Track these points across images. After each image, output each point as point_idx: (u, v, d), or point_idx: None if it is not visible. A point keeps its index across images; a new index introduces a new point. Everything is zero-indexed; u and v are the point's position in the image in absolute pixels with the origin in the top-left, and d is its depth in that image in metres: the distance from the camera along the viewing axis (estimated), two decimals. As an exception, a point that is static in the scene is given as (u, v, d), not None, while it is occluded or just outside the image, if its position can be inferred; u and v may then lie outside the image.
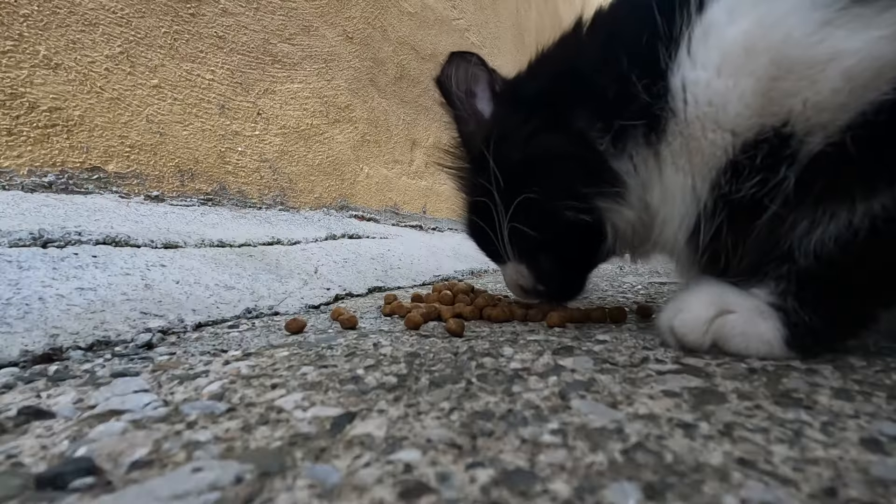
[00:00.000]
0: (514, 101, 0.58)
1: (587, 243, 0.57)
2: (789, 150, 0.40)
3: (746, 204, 0.43)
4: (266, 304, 0.74)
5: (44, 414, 0.32)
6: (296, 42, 1.47)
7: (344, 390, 0.35)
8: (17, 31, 0.86)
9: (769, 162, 0.41)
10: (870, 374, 0.37)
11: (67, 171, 0.92)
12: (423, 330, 0.59)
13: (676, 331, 0.44)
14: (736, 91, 0.41)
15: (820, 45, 0.37)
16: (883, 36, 0.35)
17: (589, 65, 0.50)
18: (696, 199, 0.46)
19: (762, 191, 0.42)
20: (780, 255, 0.41)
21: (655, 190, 0.49)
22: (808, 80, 0.38)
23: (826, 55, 0.37)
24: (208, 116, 1.21)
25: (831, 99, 0.38)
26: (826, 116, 0.38)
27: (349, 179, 1.69)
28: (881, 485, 0.22)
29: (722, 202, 0.44)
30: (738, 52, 0.41)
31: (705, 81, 0.42)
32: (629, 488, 0.22)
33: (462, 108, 0.62)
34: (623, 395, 0.33)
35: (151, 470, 0.24)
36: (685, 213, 0.47)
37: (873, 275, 0.39)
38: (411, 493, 0.22)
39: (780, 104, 0.40)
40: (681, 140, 0.45)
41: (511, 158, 0.55)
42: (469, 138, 0.63)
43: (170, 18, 1.11)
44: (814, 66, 0.38)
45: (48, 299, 0.54)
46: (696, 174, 0.45)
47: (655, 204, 0.50)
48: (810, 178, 0.40)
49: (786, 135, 0.40)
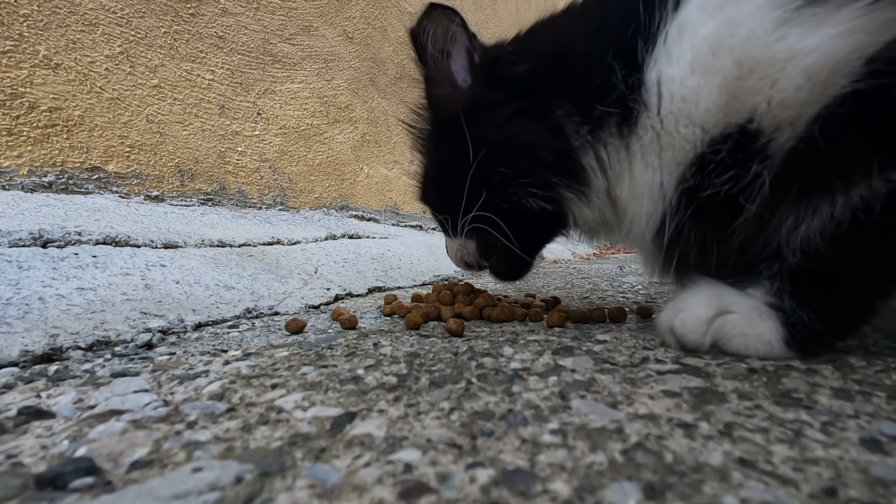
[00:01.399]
0: (495, 79, 0.55)
1: (544, 228, 0.59)
2: (757, 145, 0.41)
3: (720, 202, 0.43)
4: (266, 304, 0.74)
5: (44, 414, 0.32)
6: (296, 42, 1.47)
7: (344, 390, 0.35)
8: (17, 31, 0.86)
9: (738, 157, 0.42)
10: (870, 374, 0.37)
11: (67, 171, 0.92)
12: (423, 330, 0.59)
13: (676, 331, 0.44)
14: (706, 89, 0.42)
15: (778, 44, 0.38)
16: (837, 33, 0.36)
17: (578, 55, 0.50)
18: (663, 195, 0.47)
19: (735, 188, 0.42)
20: (770, 253, 0.42)
21: (625, 186, 0.50)
22: (769, 78, 0.39)
23: (785, 54, 0.38)
24: (208, 116, 1.21)
25: (794, 96, 0.39)
26: (791, 113, 0.39)
27: (349, 179, 1.69)
28: (881, 485, 0.22)
29: (687, 197, 0.45)
30: (707, 51, 0.42)
31: (679, 78, 0.43)
32: (629, 488, 0.22)
33: (435, 69, 0.58)
34: (623, 395, 0.33)
35: (151, 470, 0.24)
36: (652, 210, 0.48)
37: (863, 266, 0.39)
38: (411, 493, 0.22)
39: (743, 102, 0.41)
40: (651, 134, 0.46)
41: (484, 136, 0.54)
42: (438, 101, 0.60)
43: (170, 18, 1.11)
44: (774, 65, 0.39)
45: (48, 299, 0.54)
46: (665, 170, 0.46)
47: (624, 200, 0.51)
48: (788, 174, 0.40)
49: (752, 131, 0.41)
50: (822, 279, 0.40)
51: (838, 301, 0.40)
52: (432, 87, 0.61)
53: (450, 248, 0.66)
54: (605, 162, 0.50)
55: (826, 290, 0.40)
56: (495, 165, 0.53)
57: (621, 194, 0.51)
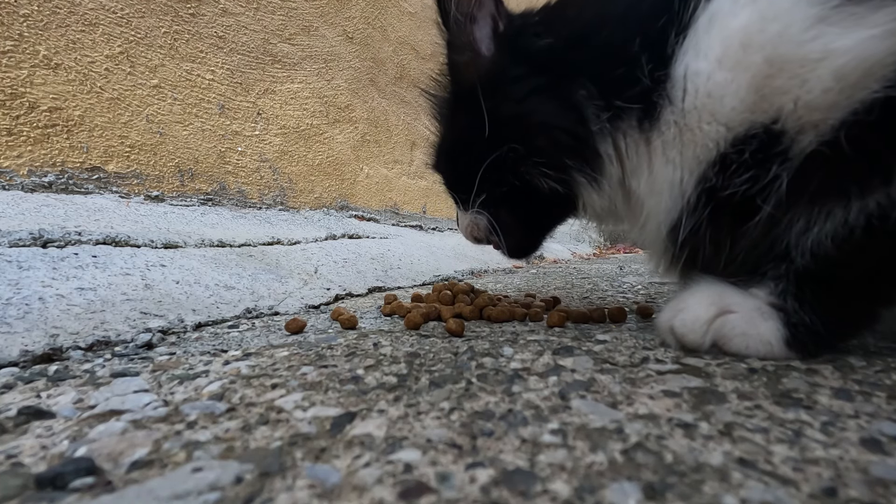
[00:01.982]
0: (518, 50, 0.53)
1: (555, 210, 0.58)
2: (780, 147, 0.40)
3: (737, 202, 0.43)
4: (266, 304, 0.74)
5: (44, 414, 0.32)
6: (296, 42, 1.47)
7: (344, 390, 0.35)
8: (17, 31, 0.86)
9: (759, 158, 0.41)
10: (870, 374, 0.37)
11: (67, 171, 0.92)
12: (423, 330, 0.59)
13: (676, 331, 0.44)
14: (733, 85, 0.41)
15: (812, 42, 0.37)
16: (874, 35, 0.35)
17: (605, 38, 0.48)
18: (682, 192, 0.46)
19: (753, 189, 0.41)
20: (777, 254, 0.41)
21: (643, 179, 0.49)
22: (799, 78, 0.38)
23: (818, 54, 0.37)
24: (208, 116, 1.21)
25: (822, 98, 0.37)
26: (817, 116, 0.38)
27: (349, 179, 1.69)
28: (881, 485, 0.22)
29: (706, 197, 0.44)
30: (737, 46, 0.40)
31: (707, 73, 0.42)
32: (629, 488, 0.22)
33: (457, 35, 0.56)
34: (623, 395, 0.33)
35: (151, 470, 0.24)
36: (670, 207, 0.47)
37: (871, 273, 0.39)
38: (411, 493, 0.22)
39: (770, 101, 0.40)
40: (674, 130, 0.45)
41: (502, 110, 0.52)
42: (458, 69, 0.58)
43: (170, 18, 1.11)
44: (805, 64, 0.37)
45: (48, 299, 0.54)
46: (685, 167, 0.45)
47: (641, 193, 0.50)
48: (805, 176, 0.39)
49: (776, 132, 0.40)
50: (828, 282, 0.40)
51: (842, 305, 0.40)
52: (453, 54, 0.57)
53: (460, 220, 0.64)
54: (623, 152, 0.49)
55: (831, 293, 0.40)
56: (510, 142, 0.52)
57: (637, 187, 0.49)
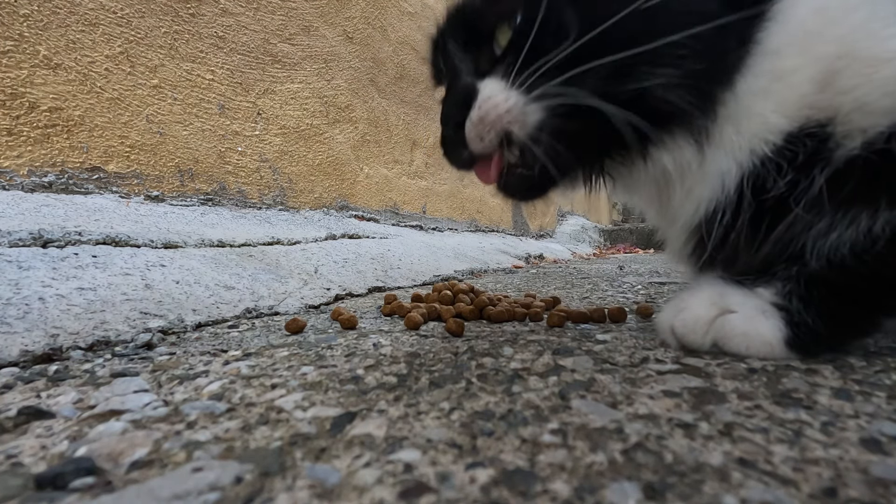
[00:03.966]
0: None
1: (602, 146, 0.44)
2: (827, 149, 0.38)
3: (775, 201, 0.41)
4: (266, 304, 0.74)
5: (44, 414, 0.32)
6: (296, 42, 1.47)
7: (344, 390, 0.35)
8: (17, 31, 0.86)
9: (809, 159, 0.39)
10: (870, 374, 0.37)
11: (67, 171, 0.92)
12: (423, 330, 0.59)
13: (677, 331, 0.44)
14: (798, 75, 0.38)
15: (888, 41, 0.35)
16: None
17: None
18: (727, 184, 0.42)
19: (795, 189, 0.39)
20: (791, 255, 0.40)
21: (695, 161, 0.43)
22: (862, 77, 0.36)
23: (890, 53, 0.35)
24: (208, 116, 1.21)
25: (879, 102, 0.36)
26: (870, 120, 0.37)
27: (349, 179, 1.69)
28: (881, 485, 0.22)
29: (751, 192, 0.42)
30: (811, 33, 0.38)
31: (776, 52, 0.39)
32: (629, 488, 0.22)
33: None
34: (623, 395, 0.33)
35: (151, 470, 0.24)
36: (711, 198, 0.43)
37: (883, 284, 0.39)
38: (411, 493, 0.22)
39: (830, 99, 0.38)
40: (732, 110, 0.41)
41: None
42: None
43: (170, 18, 1.11)
44: (873, 63, 0.36)
45: (48, 299, 0.54)
46: (734, 158, 0.42)
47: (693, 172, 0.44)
48: (838, 181, 0.38)
49: (826, 134, 0.38)
50: (838, 287, 0.39)
51: (849, 311, 0.40)
52: None
53: (483, 91, 0.42)
54: (717, 113, 0.42)
55: (840, 298, 0.39)
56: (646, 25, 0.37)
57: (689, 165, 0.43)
